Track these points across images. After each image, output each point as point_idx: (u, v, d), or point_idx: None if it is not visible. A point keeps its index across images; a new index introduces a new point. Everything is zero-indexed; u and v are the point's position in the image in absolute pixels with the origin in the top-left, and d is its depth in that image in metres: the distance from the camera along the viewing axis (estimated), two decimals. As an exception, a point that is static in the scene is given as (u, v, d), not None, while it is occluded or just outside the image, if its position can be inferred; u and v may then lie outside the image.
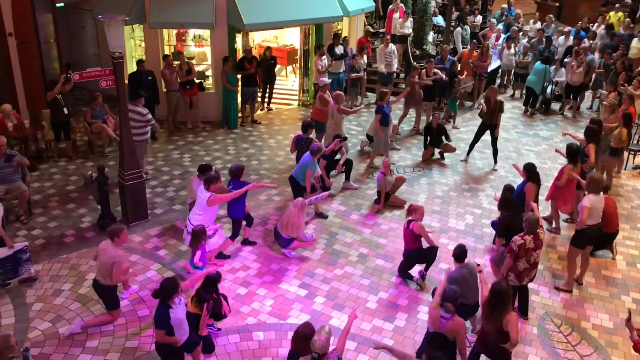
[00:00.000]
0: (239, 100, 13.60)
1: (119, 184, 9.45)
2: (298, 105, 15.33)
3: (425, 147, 12.34)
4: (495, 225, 9.09)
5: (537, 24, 18.37)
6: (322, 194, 9.49)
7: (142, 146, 10.67)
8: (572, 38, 16.40)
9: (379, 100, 11.50)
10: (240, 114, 13.74)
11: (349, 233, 9.53)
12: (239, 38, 14.08)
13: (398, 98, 12.64)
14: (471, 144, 12.18)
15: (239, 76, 13.18)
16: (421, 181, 11.36)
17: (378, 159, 11.79)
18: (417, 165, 12.05)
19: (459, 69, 14.44)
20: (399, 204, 10.32)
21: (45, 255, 8.62)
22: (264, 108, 14.69)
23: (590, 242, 8.29)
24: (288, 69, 17.04)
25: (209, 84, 14.07)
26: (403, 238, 8.23)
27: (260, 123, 13.90)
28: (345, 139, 11.15)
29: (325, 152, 10.09)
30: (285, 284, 8.22)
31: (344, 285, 8.24)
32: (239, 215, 8.64)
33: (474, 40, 16.44)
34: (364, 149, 12.61)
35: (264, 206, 10.23)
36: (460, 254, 6.97)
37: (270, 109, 14.79)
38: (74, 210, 9.86)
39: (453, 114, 14.18)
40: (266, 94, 14.58)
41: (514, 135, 13.81)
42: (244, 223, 8.93)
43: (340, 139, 10.50)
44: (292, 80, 16.79)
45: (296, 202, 8.54)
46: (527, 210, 8.26)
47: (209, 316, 6.84)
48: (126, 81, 11.64)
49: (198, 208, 8.06)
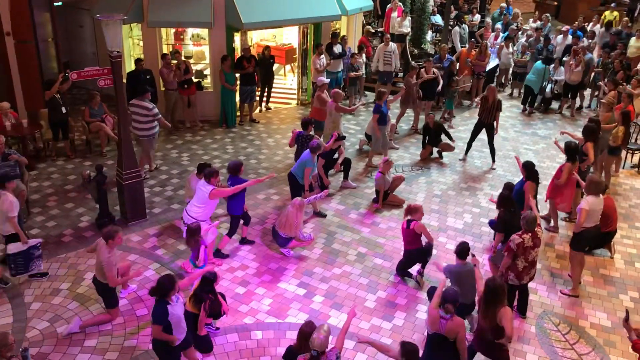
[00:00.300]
0: (238, 99, 13.59)
1: (117, 183, 9.44)
2: (296, 104, 15.33)
3: (423, 147, 12.34)
4: (493, 224, 9.10)
5: (536, 23, 18.38)
6: (321, 193, 9.49)
7: (150, 141, 10.78)
8: (571, 37, 16.41)
9: (376, 99, 11.50)
10: (238, 113, 13.73)
11: (348, 232, 9.53)
12: (238, 37, 14.08)
13: (395, 97, 12.64)
14: (468, 142, 12.18)
15: (238, 75, 13.17)
16: (420, 180, 11.37)
17: (376, 158, 11.79)
18: (416, 164, 12.05)
19: (458, 68, 14.45)
20: (397, 203, 10.32)
21: (43, 254, 8.55)
22: (262, 108, 14.68)
23: (589, 244, 8.28)
24: (286, 68, 17.03)
25: (208, 83, 14.06)
26: (403, 238, 8.22)
27: (258, 122, 13.89)
28: (344, 137, 11.15)
29: (326, 149, 10.09)
30: (283, 283, 8.22)
31: (343, 284, 8.24)
32: (237, 212, 8.63)
33: (473, 39, 16.47)
34: (362, 148, 12.61)
35: (263, 205, 10.22)
36: (463, 250, 6.97)
37: (268, 108, 14.78)
38: (72, 209, 9.85)
39: (449, 113, 14.17)
40: (265, 93, 14.57)
41: (512, 134, 13.82)
42: (242, 222, 8.93)
43: (339, 137, 10.50)
44: (291, 79, 16.79)
45: (294, 202, 8.54)
46: (527, 209, 8.25)
47: (208, 315, 6.85)
48: (124, 80, 11.64)
49: (198, 201, 8.03)
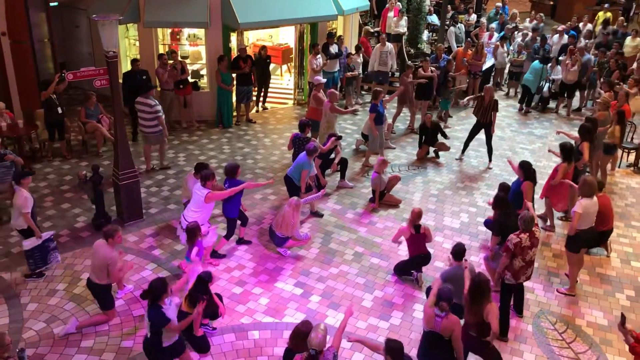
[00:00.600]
0: (234, 99, 13.58)
1: (113, 183, 9.43)
2: (293, 104, 15.32)
3: (420, 146, 12.35)
4: (488, 224, 9.11)
5: (532, 23, 18.41)
6: (317, 193, 9.49)
7: (154, 137, 10.93)
8: (567, 37, 16.45)
9: (372, 99, 11.50)
10: (235, 113, 13.72)
11: (345, 232, 9.53)
12: (234, 37, 14.06)
13: (391, 97, 12.65)
14: (465, 142, 12.20)
15: (234, 75, 13.17)
16: (416, 180, 11.38)
17: (373, 158, 11.80)
18: (412, 164, 12.06)
19: (454, 67, 14.47)
20: (393, 203, 10.33)
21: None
22: (259, 108, 14.67)
23: (585, 245, 8.29)
24: (283, 68, 17.02)
25: (204, 83, 14.05)
26: (411, 244, 8.14)
27: (255, 122, 13.89)
28: (340, 137, 11.15)
29: (323, 151, 10.09)
30: (280, 282, 8.22)
31: (340, 284, 8.25)
32: (233, 214, 8.62)
33: (469, 39, 16.49)
34: (359, 147, 12.61)
35: (259, 205, 10.22)
36: (459, 252, 6.98)
37: (265, 108, 14.78)
38: (69, 210, 9.83)
39: (444, 113, 14.19)
40: (261, 93, 14.56)
41: (508, 133, 13.84)
42: (239, 222, 8.92)
43: (336, 137, 10.51)
44: (287, 79, 16.78)
45: (291, 202, 8.55)
46: (524, 209, 8.24)
47: (204, 316, 6.84)
48: (120, 80, 11.63)
49: (194, 205, 8.03)
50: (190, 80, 13.42)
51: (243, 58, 13.09)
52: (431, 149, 12.37)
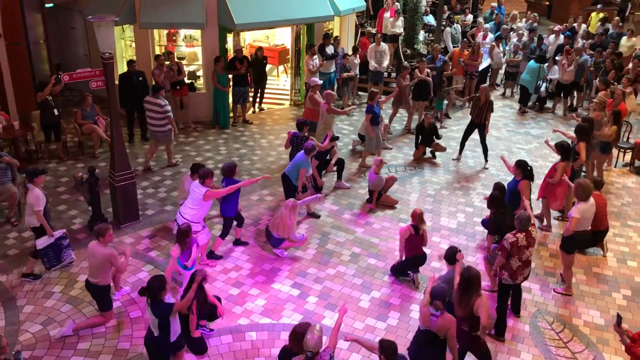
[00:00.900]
0: (231, 100, 13.57)
1: (109, 185, 9.41)
2: (290, 105, 15.32)
3: (416, 147, 12.36)
4: (485, 224, 9.12)
5: (528, 23, 18.45)
6: (314, 196, 9.49)
7: (163, 137, 11.06)
8: (562, 37, 16.49)
9: (369, 100, 11.51)
10: (231, 114, 13.71)
11: (342, 232, 9.53)
12: (230, 38, 14.05)
13: (387, 98, 12.66)
14: (461, 142, 12.21)
15: (230, 76, 13.15)
16: (413, 180, 11.39)
17: (370, 158, 11.80)
18: (409, 165, 12.07)
19: (451, 68, 14.47)
20: (390, 204, 10.33)
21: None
22: (255, 108, 14.65)
23: (580, 247, 8.28)
24: (279, 69, 17.01)
25: (200, 84, 14.03)
26: (408, 245, 8.13)
27: (251, 123, 13.88)
28: (337, 138, 11.15)
29: (321, 149, 10.08)
30: (277, 284, 8.21)
31: (337, 284, 8.24)
32: (230, 213, 8.61)
33: (465, 39, 16.51)
34: (355, 148, 12.61)
35: (256, 206, 10.21)
36: (451, 256, 6.97)
37: (261, 109, 14.77)
38: (65, 211, 9.80)
39: (440, 113, 14.20)
40: (257, 94, 14.55)
41: (505, 133, 13.86)
42: (235, 223, 8.91)
43: (332, 137, 10.51)
44: (284, 80, 16.77)
45: (287, 203, 8.54)
46: (521, 208, 8.25)
47: (200, 316, 6.83)
48: (116, 82, 11.59)
49: (192, 203, 8.00)
50: (187, 81, 13.41)
51: (239, 59, 13.09)
52: (428, 150, 12.38)
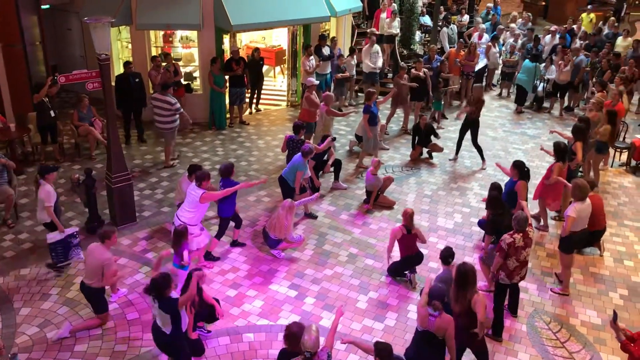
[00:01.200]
0: (227, 101, 13.56)
1: (106, 186, 9.39)
2: (286, 105, 15.31)
3: (413, 147, 12.36)
4: (482, 224, 9.13)
5: (527, 24, 18.49)
6: (311, 196, 9.49)
7: (170, 133, 11.26)
8: (558, 37, 16.52)
9: (366, 100, 11.51)
10: (228, 115, 13.70)
11: (339, 233, 9.53)
12: (227, 39, 14.04)
13: (385, 98, 12.66)
14: (457, 142, 12.22)
15: (227, 77, 13.14)
16: (410, 180, 11.39)
17: (367, 159, 11.81)
18: (406, 165, 12.07)
19: (448, 68, 14.49)
20: (387, 204, 10.33)
21: (32, 259, 8.55)
22: (252, 109, 14.64)
23: (578, 246, 8.30)
24: (276, 70, 17.01)
25: (197, 85, 14.02)
26: (403, 244, 8.14)
27: (248, 124, 13.87)
28: (334, 139, 11.14)
29: (319, 151, 10.08)
30: (275, 285, 8.20)
31: (334, 285, 8.24)
32: (227, 214, 8.61)
33: (461, 40, 16.53)
34: (352, 149, 12.62)
35: (253, 207, 10.21)
36: (446, 256, 6.98)
37: (258, 110, 14.76)
38: (62, 213, 9.76)
39: (438, 114, 14.21)
40: (254, 95, 14.55)
41: (501, 133, 13.88)
42: (233, 224, 8.90)
43: (331, 138, 10.51)
44: (280, 80, 16.78)
45: (284, 204, 8.54)
46: (518, 209, 8.26)
47: (200, 318, 6.83)
48: (113, 83, 11.59)
49: (189, 205, 7.99)
50: (183, 82, 13.39)
51: (236, 60, 13.08)
52: (424, 150, 12.39)
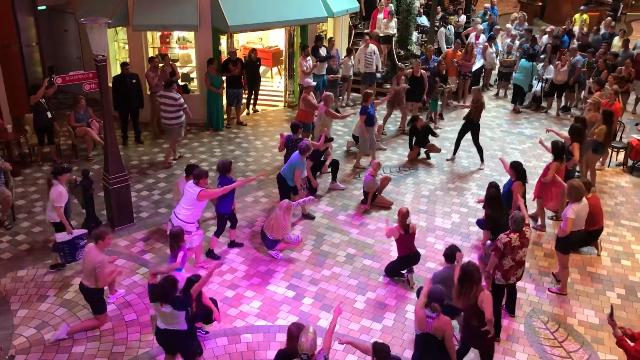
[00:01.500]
0: (224, 102, 13.55)
1: (104, 187, 9.38)
2: (284, 106, 15.31)
3: (410, 148, 12.37)
4: (480, 223, 9.14)
5: (523, 25, 18.49)
6: (309, 197, 9.48)
7: (175, 130, 11.30)
8: (551, 37, 16.55)
9: (363, 101, 11.50)
10: (225, 116, 13.68)
11: (337, 233, 9.53)
12: (224, 40, 14.04)
13: (383, 100, 12.67)
14: (456, 142, 12.23)
15: (224, 78, 13.14)
16: (407, 181, 11.40)
17: (364, 159, 11.82)
18: (403, 165, 12.08)
19: (446, 69, 14.50)
20: (385, 205, 10.33)
21: (29, 260, 8.53)
22: (249, 110, 14.63)
23: (576, 246, 8.31)
24: (273, 71, 17.01)
25: (194, 86, 14.01)
26: (401, 244, 8.14)
27: (246, 125, 13.86)
28: (332, 139, 11.14)
29: (316, 147, 10.06)
30: (273, 285, 8.20)
31: (332, 285, 8.24)
32: (225, 210, 8.60)
33: (458, 40, 16.55)
34: (350, 149, 12.62)
35: (251, 208, 10.20)
36: (451, 254, 6.98)
37: (256, 111, 14.75)
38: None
39: (434, 114, 14.23)
40: (252, 96, 14.54)
41: (498, 134, 13.89)
42: (228, 225, 8.88)
43: (327, 138, 10.50)
44: (278, 81, 16.77)
45: (281, 204, 8.54)
46: (515, 208, 8.27)
47: (198, 319, 6.81)
48: (110, 84, 11.57)
49: (186, 203, 7.98)
50: (181, 83, 13.37)
51: (233, 61, 13.08)
52: (422, 150, 12.40)
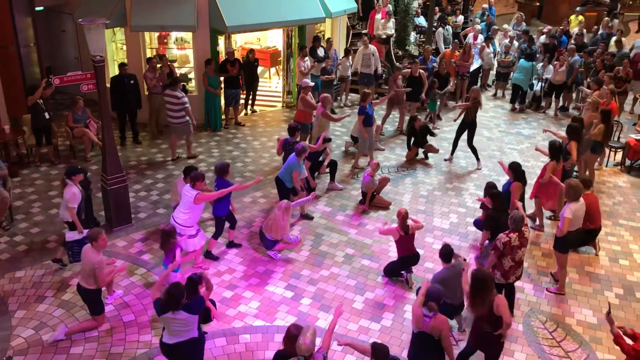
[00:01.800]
0: (222, 102, 13.54)
1: (102, 188, 9.37)
2: (282, 107, 15.31)
3: (409, 148, 12.37)
4: (478, 224, 9.15)
5: (521, 25, 18.52)
6: (307, 197, 9.48)
7: (180, 128, 11.39)
8: (550, 37, 16.58)
9: (361, 101, 11.51)
10: (223, 116, 13.68)
11: (335, 234, 9.53)
12: (222, 40, 14.03)
13: (381, 100, 12.67)
14: (453, 143, 12.24)
15: (222, 78, 13.13)
16: (405, 181, 11.40)
17: (362, 160, 11.82)
18: (402, 166, 12.08)
19: (446, 71, 14.50)
20: (383, 205, 10.33)
21: (27, 261, 8.52)
22: (248, 111, 14.63)
23: (574, 246, 8.31)
24: (271, 71, 17.01)
25: (192, 86, 14.00)
26: (401, 245, 8.13)
27: (244, 125, 13.86)
28: (330, 140, 11.13)
29: (313, 149, 10.06)
30: (271, 286, 8.20)
31: (330, 286, 8.24)
32: (222, 213, 8.60)
33: (456, 40, 16.55)
34: (348, 149, 12.62)
35: (249, 208, 10.20)
36: (447, 254, 6.98)
37: (254, 111, 14.75)
38: (57, 215, 9.70)
39: (432, 114, 14.23)
40: (250, 96, 14.53)
41: (496, 134, 13.91)
42: (227, 225, 8.88)
43: (325, 139, 10.50)
44: (276, 82, 16.77)
45: (280, 205, 8.54)
46: (512, 209, 8.29)
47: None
48: (108, 85, 11.56)
49: (184, 207, 7.98)
50: (179, 84, 13.36)
51: (231, 61, 13.07)
52: (420, 151, 12.40)
